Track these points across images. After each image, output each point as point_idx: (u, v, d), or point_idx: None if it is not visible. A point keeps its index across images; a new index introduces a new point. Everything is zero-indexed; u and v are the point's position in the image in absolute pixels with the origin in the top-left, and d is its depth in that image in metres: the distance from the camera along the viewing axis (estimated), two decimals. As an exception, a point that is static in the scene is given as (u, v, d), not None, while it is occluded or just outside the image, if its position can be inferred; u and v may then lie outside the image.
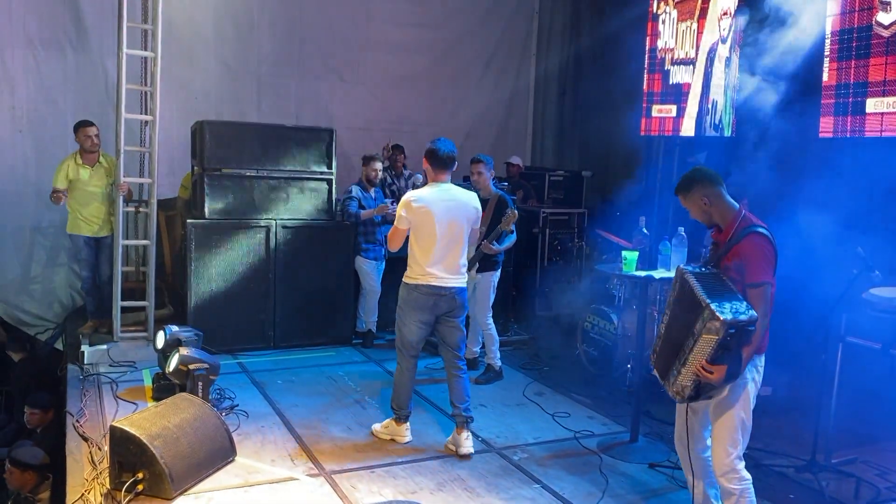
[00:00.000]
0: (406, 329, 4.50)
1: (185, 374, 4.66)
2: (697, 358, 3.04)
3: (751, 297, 3.06)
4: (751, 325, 2.97)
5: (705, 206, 3.26)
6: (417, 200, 4.35)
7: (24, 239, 7.44)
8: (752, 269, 3.08)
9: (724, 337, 2.93)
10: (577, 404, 5.48)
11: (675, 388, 3.19)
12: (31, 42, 7.34)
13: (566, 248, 7.74)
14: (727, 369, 3.01)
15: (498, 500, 3.94)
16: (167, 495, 3.72)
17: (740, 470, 3.17)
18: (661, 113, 7.13)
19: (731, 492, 3.18)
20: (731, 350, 2.99)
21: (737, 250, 3.13)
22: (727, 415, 3.17)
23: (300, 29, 8.31)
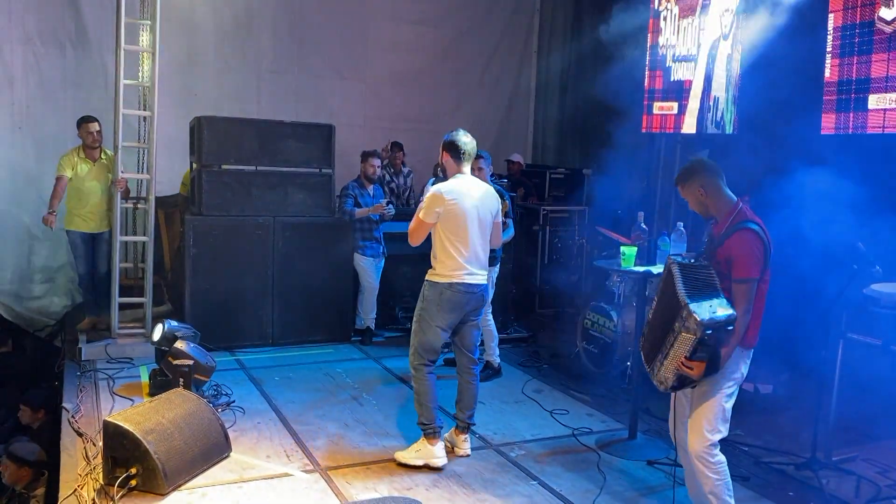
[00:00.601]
0: (431, 332, 4.17)
1: (173, 368, 4.64)
2: (678, 354, 3.06)
3: (735, 292, 3.08)
4: (729, 325, 3.00)
5: (702, 197, 3.26)
6: (449, 193, 4.08)
7: (24, 236, 7.42)
8: (738, 264, 3.09)
9: (701, 336, 2.96)
10: (576, 402, 5.45)
11: (658, 377, 3.22)
12: (30, 39, 7.34)
13: (566, 246, 7.71)
14: (706, 365, 3.04)
15: (494, 496, 3.91)
16: (161, 490, 3.69)
17: (716, 454, 3.22)
18: (663, 110, 7.09)
19: (707, 475, 3.22)
20: (711, 347, 3.01)
21: (727, 245, 3.14)
22: (709, 402, 3.20)
23: (300, 26, 8.29)
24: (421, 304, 4.21)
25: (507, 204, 5.52)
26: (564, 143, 9.48)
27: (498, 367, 5.95)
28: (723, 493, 3.24)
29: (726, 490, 3.25)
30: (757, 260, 3.10)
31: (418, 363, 4.23)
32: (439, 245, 4.15)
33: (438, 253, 4.15)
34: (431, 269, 4.20)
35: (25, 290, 7.50)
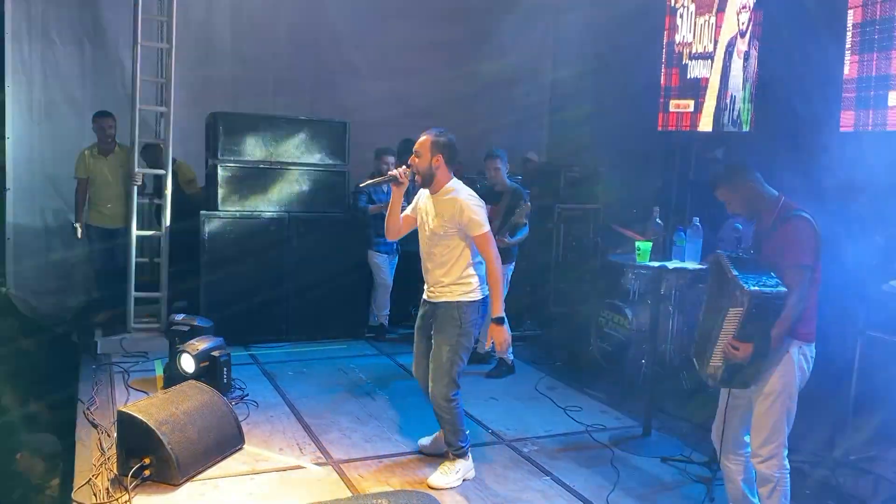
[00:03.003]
0: (465, 358, 3.91)
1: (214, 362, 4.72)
2: (726, 335, 3.02)
3: (789, 278, 3.01)
4: (778, 300, 2.93)
5: (749, 194, 3.23)
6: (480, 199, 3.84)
7: (40, 231, 7.48)
8: (790, 252, 3.05)
9: (749, 308, 2.90)
10: (589, 399, 5.43)
11: (709, 370, 3.16)
12: (49, 36, 7.39)
13: (581, 244, 7.67)
14: (754, 345, 2.97)
15: (507, 491, 3.89)
16: (174, 481, 3.71)
17: (782, 458, 3.16)
18: (679, 108, 7.04)
19: (770, 478, 3.15)
20: (758, 325, 2.94)
21: (778, 235, 3.11)
22: (772, 402, 3.14)
23: (316, 23, 8.30)
24: (457, 329, 3.79)
25: (528, 206, 5.51)
26: (580, 142, 9.42)
27: (511, 364, 5.94)
28: (780, 500, 3.17)
29: (784, 497, 3.18)
30: (809, 247, 3.06)
31: (454, 393, 3.86)
32: (468, 258, 3.81)
33: (468, 267, 3.81)
34: (461, 287, 3.80)
35: (41, 286, 7.56)
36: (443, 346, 3.81)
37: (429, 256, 3.87)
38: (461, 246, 3.77)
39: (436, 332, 3.86)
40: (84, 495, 3.64)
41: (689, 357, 5.49)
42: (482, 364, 6.06)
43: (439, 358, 3.82)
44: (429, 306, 3.93)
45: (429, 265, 3.88)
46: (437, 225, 3.76)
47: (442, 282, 3.80)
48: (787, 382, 3.12)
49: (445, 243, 3.77)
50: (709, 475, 4.05)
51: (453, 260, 3.77)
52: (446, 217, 3.73)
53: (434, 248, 3.81)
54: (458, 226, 3.72)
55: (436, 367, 3.83)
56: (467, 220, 3.68)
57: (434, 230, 3.79)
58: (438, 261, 3.80)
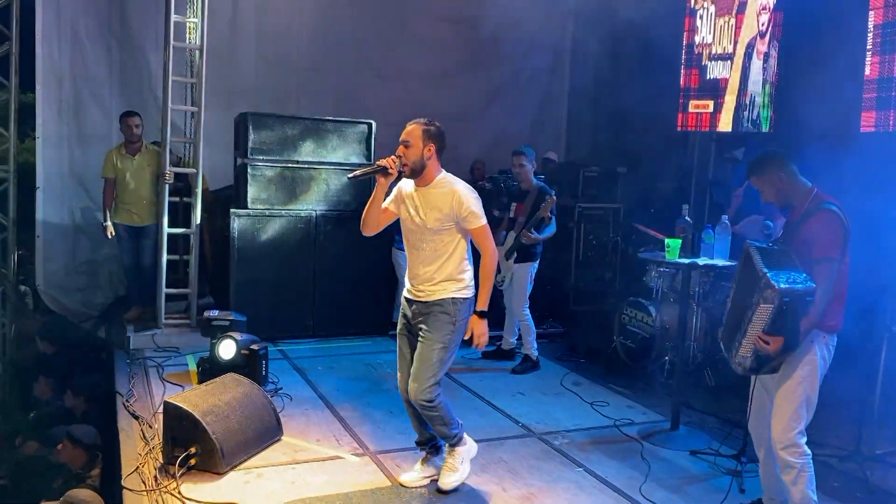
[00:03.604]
0: (455, 352, 3.71)
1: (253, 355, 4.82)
2: (755, 328, 3.09)
3: (815, 272, 3.08)
4: (808, 296, 3.00)
5: (781, 184, 3.30)
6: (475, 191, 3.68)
7: (69, 229, 7.60)
8: (818, 244, 3.12)
9: (779, 306, 2.97)
10: (615, 394, 5.51)
11: (737, 359, 3.23)
12: (78, 38, 7.51)
13: (601, 243, 7.76)
14: (784, 340, 3.04)
15: (541, 482, 3.98)
16: (218, 469, 3.81)
17: (802, 444, 3.22)
18: (698, 108, 7.12)
19: (792, 465, 3.22)
20: (788, 321, 3.01)
21: (807, 226, 3.18)
22: (792, 390, 3.21)
23: (338, 25, 8.41)
24: (451, 326, 3.59)
25: (553, 199, 5.60)
26: (598, 141, 9.51)
27: (536, 360, 6.02)
28: (806, 486, 3.23)
29: (809, 483, 3.24)
30: (837, 239, 3.13)
31: (437, 392, 3.61)
32: (462, 253, 3.64)
33: (463, 262, 3.64)
34: (456, 283, 3.61)
35: (70, 283, 7.68)
36: (435, 343, 3.57)
37: (417, 253, 3.62)
38: (456, 240, 3.58)
39: (427, 331, 3.59)
40: (133, 483, 3.74)
41: (713, 354, 5.60)
42: (507, 360, 6.15)
43: (429, 356, 3.57)
44: (417, 306, 3.64)
45: (418, 262, 3.63)
46: (432, 219, 3.53)
47: (434, 279, 3.58)
48: (810, 371, 3.21)
49: (440, 238, 3.56)
50: (738, 468, 4.12)
51: (447, 255, 3.58)
52: (444, 210, 3.51)
53: (425, 243, 3.58)
54: (456, 219, 3.52)
55: (423, 365, 3.57)
56: (466, 213, 3.49)
57: (427, 224, 3.54)
58: (430, 256, 3.58)
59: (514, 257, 5.87)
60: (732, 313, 3.33)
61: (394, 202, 3.71)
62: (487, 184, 7.75)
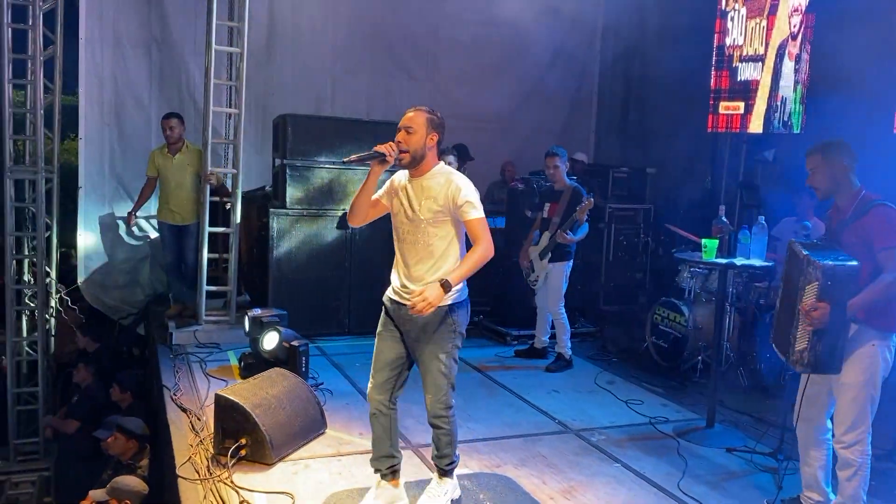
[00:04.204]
0: (457, 359, 3.49)
1: (292, 351, 4.94)
2: (804, 308, 3.15)
3: (883, 261, 3.14)
4: (852, 273, 3.08)
5: (840, 173, 3.34)
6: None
7: (110, 228, 7.79)
8: (879, 235, 3.17)
9: (824, 281, 3.05)
10: (648, 393, 5.57)
11: (794, 356, 3.27)
12: (119, 42, 7.69)
13: (631, 244, 7.82)
14: (832, 310, 3.08)
15: (580, 476, 4.06)
16: (268, 460, 3.94)
17: (866, 444, 3.30)
18: (729, 110, 7.15)
19: (852, 463, 3.30)
20: (834, 293, 3.07)
21: (863, 223, 3.24)
22: (857, 390, 3.26)
23: (371, 27, 8.53)
24: (452, 334, 3.36)
25: (591, 202, 5.67)
26: (627, 142, 9.57)
27: (569, 358, 6.10)
28: (860, 485, 3.31)
29: (863, 483, 3.32)
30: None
31: (452, 404, 3.50)
32: (458, 251, 3.37)
33: (455, 264, 3.33)
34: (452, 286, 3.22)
35: (110, 280, 7.87)
36: (438, 354, 3.35)
37: (409, 248, 3.34)
38: (451, 234, 3.32)
39: (424, 341, 3.35)
40: (186, 472, 3.88)
41: (746, 354, 5.65)
42: (540, 359, 6.24)
43: (436, 369, 3.37)
44: (406, 309, 3.30)
45: (409, 259, 3.34)
46: (426, 209, 3.28)
47: (427, 278, 3.28)
48: (872, 373, 3.26)
49: (434, 231, 3.29)
50: (775, 465, 4.19)
51: (441, 251, 3.31)
52: (440, 200, 3.26)
53: (419, 237, 3.31)
54: (451, 210, 3.26)
55: (434, 379, 3.40)
56: (463, 202, 3.22)
57: (421, 216, 3.28)
58: (423, 253, 3.30)
59: (548, 257, 5.95)
60: (782, 314, 3.40)
61: (386, 194, 3.45)
62: (520, 184, 7.83)
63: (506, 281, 7.09)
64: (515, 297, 6.87)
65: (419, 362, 3.46)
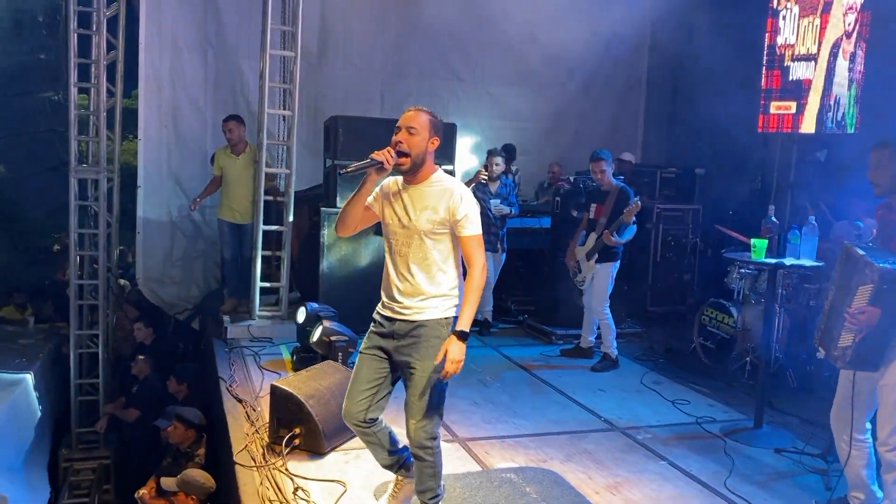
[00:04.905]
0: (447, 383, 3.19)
1: (328, 345, 5.05)
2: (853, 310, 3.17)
3: None
4: None
5: None
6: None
7: (166, 226, 8.06)
8: None
9: (878, 284, 3.06)
10: (695, 393, 5.56)
11: (836, 352, 3.28)
12: (177, 46, 7.96)
13: (679, 244, 7.78)
14: (880, 314, 3.10)
15: (626, 472, 4.10)
16: (321, 449, 4.07)
17: None
18: (780, 109, 7.03)
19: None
20: (888, 298, 3.08)
21: None
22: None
23: (419, 30, 8.65)
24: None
25: (638, 204, 5.68)
26: (675, 142, 9.52)
27: (615, 358, 6.11)
28: None
29: None
30: None
31: (440, 428, 3.21)
32: (456, 263, 3.13)
33: (456, 276, 3.12)
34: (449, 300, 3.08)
35: (167, 277, 8.15)
36: (430, 374, 3.06)
37: (403, 261, 3.09)
38: (449, 248, 3.09)
39: (419, 361, 3.07)
40: (243, 459, 4.03)
41: (796, 356, 5.60)
42: (585, 358, 6.26)
43: (425, 390, 3.07)
44: (399, 326, 3.09)
45: (403, 272, 3.09)
46: (424, 219, 3.04)
47: (422, 293, 3.05)
48: None
49: (431, 243, 3.06)
50: (825, 467, 4.16)
51: (439, 264, 3.07)
52: (439, 210, 3.03)
53: (413, 249, 3.07)
54: (449, 222, 3.03)
55: (419, 401, 3.08)
56: (462, 216, 3.01)
57: (418, 226, 3.05)
58: (418, 266, 3.06)
59: (595, 258, 5.97)
60: (831, 315, 3.39)
61: (376, 201, 3.20)
62: (565, 184, 7.86)
63: (551, 280, 7.13)
64: (561, 296, 6.91)
65: (407, 383, 3.13)
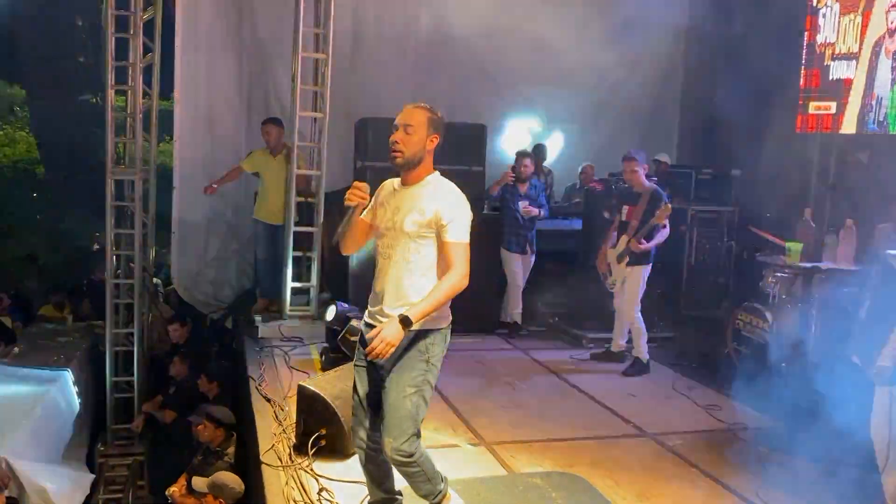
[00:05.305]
0: (430, 395, 3.05)
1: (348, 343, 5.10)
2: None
3: None
4: None
5: None
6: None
7: (201, 227, 8.17)
8: None
9: None
10: (728, 399, 5.45)
11: (876, 369, 3.22)
12: (212, 48, 8.07)
13: (714, 247, 7.64)
14: None
15: (655, 479, 4.04)
16: (346, 451, 4.07)
17: None
18: (819, 110, 6.91)
19: None
20: None
21: None
22: None
23: (451, 30, 8.60)
24: (424, 364, 2.94)
25: (668, 207, 5.60)
26: (711, 143, 9.35)
27: (647, 363, 6.03)
28: None
29: None
30: None
31: (417, 445, 2.97)
32: (440, 271, 2.98)
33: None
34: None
35: (201, 277, 8.27)
36: (406, 387, 2.89)
37: (385, 265, 3.00)
38: (435, 251, 2.97)
39: (393, 370, 2.92)
40: (269, 459, 4.06)
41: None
42: (616, 362, 6.18)
43: (401, 404, 2.89)
44: None
45: (385, 277, 2.99)
46: (411, 222, 2.91)
47: (402, 300, 2.93)
48: None
49: (415, 248, 2.94)
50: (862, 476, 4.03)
51: (423, 270, 2.94)
52: (425, 212, 2.91)
53: (397, 252, 2.96)
54: (436, 225, 2.92)
55: (395, 415, 2.89)
56: (448, 220, 2.90)
57: (405, 228, 2.92)
58: (400, 271, 2.95)
59: (626, 260, 5.89)
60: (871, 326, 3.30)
61: (370, 210, 3.10)
62: (597, 186, 7.79)
63: (582, 282, 7.06)
64: (592, 298, 6.83)
65: (383, 397, 2.96)
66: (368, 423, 3.07)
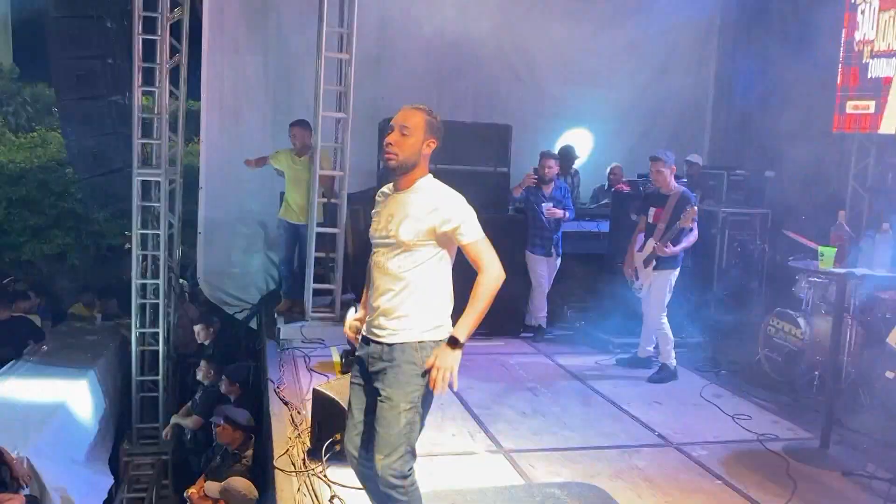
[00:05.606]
0: (427, 413, 2.91)
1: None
2: None
3: None
4: None
5: None
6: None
7: (227, 227, 8.18)
8: None
9: None
10: (758, 408, 5.28)
11: None
12: (238, 49, 8.08)
13: (746, 251, 7.43)
14: None
15: (678, 491, 3.90)
16: (361, 457, 4.00)
17: None
18: (857, 109, 6.68)
19: None
20: None
21: None
22: None
23: (478, 30, 8.52)
24: (419, 380, 2.78)
25: (694, 210, 5.45)
26: (744, 144, 9.12)
27: (674, 369, 5.87)
28: None
29: None
30: None
31: (411, 467, 2.81)
32: (440, 279, 2.95)
33: (437, 294, 2.94)
34: (427, 319, 2.87)
35: (227, 277, 8.28)
36: (399, 403, 2.75)
37: (380, 275, 2.87)
38: (433, 260, 2.87)
39: (386, 385, 2.78)
40: (283, 464, 4.01)
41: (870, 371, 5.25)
42: (643, 368, 6.03)
43: (393, 421, 2.74)
44: (373, 347, 2.85)
45: (382, 286, 2.86)
46: (404, 229, 2.80)
47: (396, 311, 2.82)
48: None
49: (411, 257, 2.83)
50: None
51: (417, 279, 2.84)
52: (421, 219, 2.81)
53: (391, 260, 2.84)
54: (435, 232, 2.82)
55: (387, 433, 2.74)
56: (457, 225, 2.83)
57: (400, 236, 2.80)
58: (395, 280, 2.83)
59: (652, 264, 5.74)
60: None
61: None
62: (625, 187, 7.63)
63: (609, 286, 6.90)
64: (619, 302, 6.67)
65: (377, 412, 2.81)
66: (360, 441, 2.92)
